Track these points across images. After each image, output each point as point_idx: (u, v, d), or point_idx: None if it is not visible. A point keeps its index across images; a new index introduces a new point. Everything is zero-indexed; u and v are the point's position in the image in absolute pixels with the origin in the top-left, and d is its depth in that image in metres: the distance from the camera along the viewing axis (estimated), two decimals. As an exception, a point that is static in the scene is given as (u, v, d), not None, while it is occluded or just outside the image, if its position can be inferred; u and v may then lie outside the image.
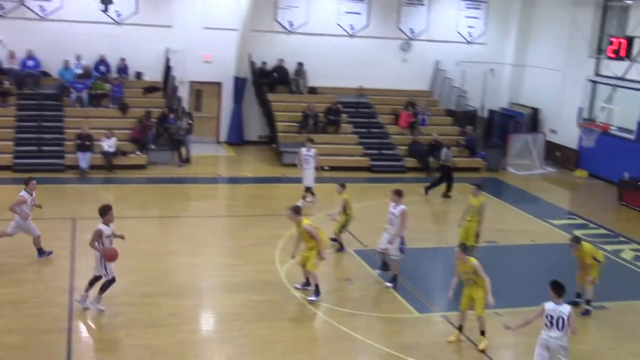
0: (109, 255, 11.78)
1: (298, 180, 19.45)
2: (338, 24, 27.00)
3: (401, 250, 14.07)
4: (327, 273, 14.23)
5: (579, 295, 13.72)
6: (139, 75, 25.40)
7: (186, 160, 23.04)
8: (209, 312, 12.76)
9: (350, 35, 27.16)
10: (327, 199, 19.49)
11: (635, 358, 11.97)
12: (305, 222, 12.93)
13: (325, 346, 11.69)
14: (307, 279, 13.31)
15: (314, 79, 26.75)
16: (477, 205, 15.00)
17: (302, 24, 26.57)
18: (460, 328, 11.90)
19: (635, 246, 17.81)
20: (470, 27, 28.51)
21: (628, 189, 21.93)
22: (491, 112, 28.68)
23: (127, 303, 12.43)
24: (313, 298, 12.94)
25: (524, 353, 11.52)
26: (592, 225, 19.50)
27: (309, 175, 19.11)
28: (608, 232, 19.00)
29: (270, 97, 25.80)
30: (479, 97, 28.30)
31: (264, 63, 26.11)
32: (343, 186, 16.03)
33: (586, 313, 13.34)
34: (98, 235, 11.77)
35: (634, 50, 19.39)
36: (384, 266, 14.49)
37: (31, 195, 14.01)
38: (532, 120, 27.85)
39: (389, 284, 13.99)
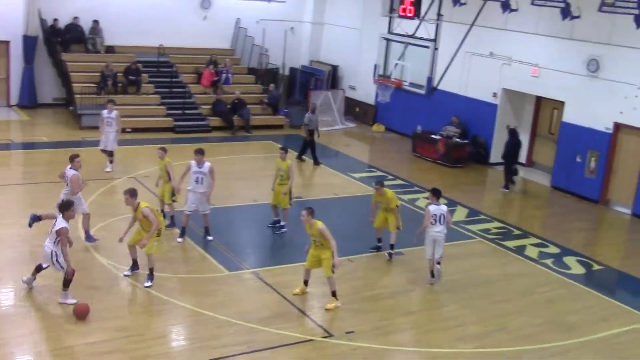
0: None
1: (98, 143, 18.71)
2: (134, -20, 26.04)
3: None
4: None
5: (379, 240, 14.68)
6: None
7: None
8: (10, 286, 11.99)
9: (148, -9, 26.32)
10: (129, 162, 19.07)
11: (427, 298, 13.00)
12: (144, 205, 12.05)
13: (136, 311, 11.54)
14: (135, 261, 12.58)
15: (111, 38, 25.66)
16: (285, 168, 15.34)
17: (96, -22, 25.33)
18: (305, 282, 12.31)
19: (427, 194, 19.13)
20: (269, -15, 28.69)
21: (420, 141, 23.46)
22: (292, 70, 29.23)
23: None
24: (149, 283, 12.18)
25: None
26: (390, 176, 20.66)
27: (111, 138, 18.44)
28: (404, 182, 20.25)
29: (65, 57, 24.41)
30: (280, 55, 28.68)
31: (55, 20, 24.62)
32: (164, 150, 15.30)
33: (390, 256, 14.31)
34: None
35: (422, 10, 20.53)
36: (172, 224, 14.80)
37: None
38: (331, 78, 28.78)
39: (179, 239, 14.29)
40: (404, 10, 22.00)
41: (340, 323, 11.52)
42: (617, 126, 19.12)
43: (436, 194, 13.40)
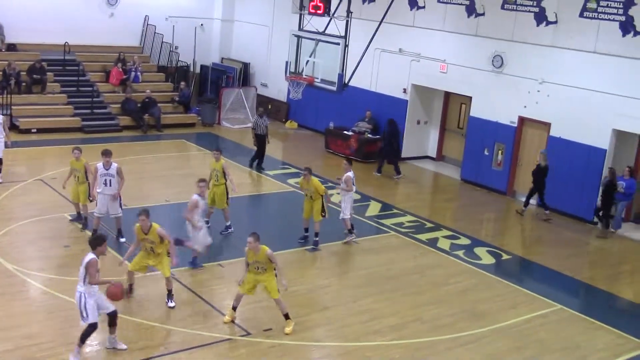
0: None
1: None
2: (36, -25, 25.14)
3: (121, 206, 14.17)
4: (43, 239, 13.47)
5: (306, 230, 15.01)
6: None
7: None
8: None
9: (51, -12, 25.46)
10: (36, 163, 18.44)
11: (343, 293, 13.09)
12: (157, 226, 11.31)
13: (44, 318, 11.08)
14: (131, 287, 11.79)
15: (13, 35, 24.70)
16: (220, 168, 15.15)
17: (-5, -27, 24.32)
18: (234, 308, 11.38)
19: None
20: (178, -19, 28.28)
21: (333, 137, 23.61)
22: (203, 67, 28.89)
23: None
24: (172, 304, 11.59)
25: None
26: (302, 172, 20.63)
27: None
28: (318, 178, 20.26)
29: (-37, 54, 23.37)
30: (190, 53, 28.28)
31: (-48, 17, 23.52)
32: (80, 150, 14.64)
33: (316, 246, 14.65)
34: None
35: (332, 7, 20.64)
36: (94, 230, 14.01)
37: None
38: (243, 75, 28.62)
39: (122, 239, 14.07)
40: (314, 7, 22.02)
41: (258, 321, 11.47)
42: (522, 120, 19.78)
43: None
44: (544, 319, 12.61)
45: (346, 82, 21.33)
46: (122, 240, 14.12)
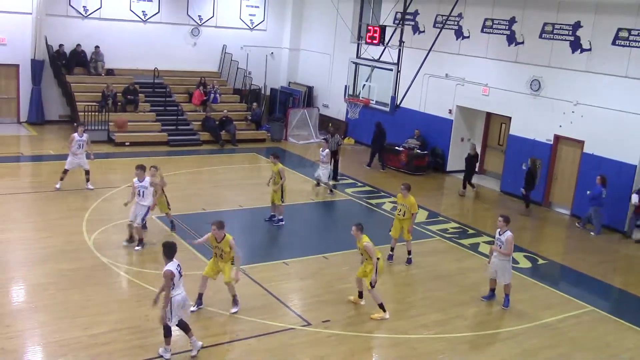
0: None
1: (100, 156, 18.49)
2: (131, 10, 25.80)
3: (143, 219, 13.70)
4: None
5: (392, 250, 14.35)
6: None
7: (-15, 140, 20.98)
8: (20, 284, 11.77)
9: (144, 21, 26.10)
10: (128, 173, 18.85)
11: (393, 290, 12.96)
12: (230, 237, 10.98)
13: (132, 305, 11.33)
14: (201, 295, 11.32)
15: (111, 62, 25.42)
16: (276, 171, 15.34)
17: (96, 9, 25.06)
18: (360, 294, 11.81)
19: (393, 199, 19.17)
20: (251, 15, 28.60)
21: (386, 152, 23.48)
22: (272, 90, 29.15)
23: None
24: (235, 309, 11.22)
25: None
26: (359, 183, 20.68)
27: (84, 158, 17.31)
28: (372, 188, 20.27)
29: (69, 78, 24.14)
30: (262, 77, 28.59)
31: (61, 46, 24.33)
32: (156, 168, 14.38)
33: (409, 263, 14.25)
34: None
35: (386, 37, 20.59)
36: (131, 238, 13.72)
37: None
38: (307, 97, 28.76)
39: (137, 248, 13.50)
40: (371, 37, 22.01)
41: (317, 313, 11.45)
42: (557, 138, 19.31)
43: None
44: (576, 319, 12.24)
45: (398, 103, 21.25)
46: (137, 249, 13.58)
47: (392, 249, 14.28)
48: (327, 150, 18.94)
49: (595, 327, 11.98)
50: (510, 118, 20.76)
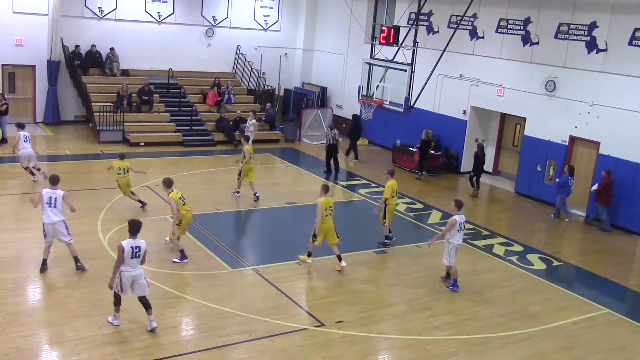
0: None
1: (115, 156, 18.50)
2: (146, 11, 25.96)
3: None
4: (145, 237, 13.76)
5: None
6: (-53, 58, 22.87)
7: (3, 140, 21.15)
8: (35, 283, 11.87)
9: (158, 22, 26.24)
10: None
11: (406, 291, 12.94)
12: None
13: (152, 303, 11.38)
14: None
15: (126, 62, 25.61)
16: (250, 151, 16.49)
17: (111, 10, 25.23)
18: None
19: (407, 200, 19.16)
20: (265, 16, 28.68)
21: (399, 152, 23.46)
22: (286, 90, 29.20)
23: (-51, 281, 11.31)
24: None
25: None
26: (372, 184, 20.65)
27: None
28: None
29: (85, 79, 24.34)
30: (275, 78, 28.65)
31: (77, 47, 24.53)
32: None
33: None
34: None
35: (400, 37, 20.56)
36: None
37: None
38: (321, 97, 28.78)
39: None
40: (384, 38, 21.99)
41: (330, 314, 11.46)
42: (572, 139, 19.18)
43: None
44: (591, 322, 12.15)
45: (412, 104, 21.23)
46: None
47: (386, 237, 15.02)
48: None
49: (610, 330, 11.88)
50: (525, 119, 20.65)
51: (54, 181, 12.25)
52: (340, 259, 13.32)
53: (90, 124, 23.85)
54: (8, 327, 10.10)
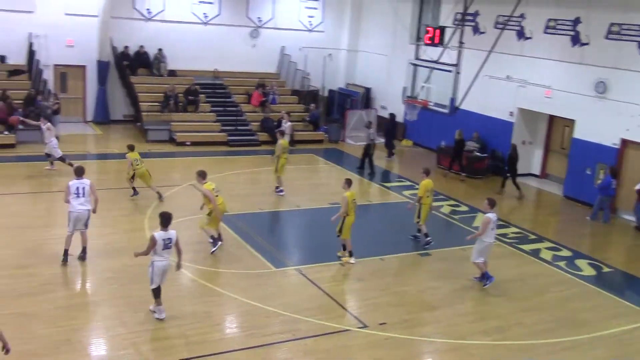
0: None
1: (162, 155, 18.87)
2: (193, 13, 26.30)
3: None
4: (190, 235, 13.96)
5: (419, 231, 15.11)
6: (2, 58, 23.55)
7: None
8: (85, 278, 12.15)
9: (204, 23, 26.55)
10: (190, 171, 19.20)
11: (450, 295, 12.77)
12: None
13: (192, 301, 11.52)
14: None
15: (173, 63, 25.99)
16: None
17: (159, 12, 25.65)
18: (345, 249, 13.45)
19: (452, 202, 18.93)
20: (310, 17, 28.75)
21: (444, 154, 23.19)
22: (330, 91, 29.20)
23: (2, 275, 11.61)
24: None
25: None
26: (416, 185, 20.40)
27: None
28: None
29: (133, 79, 24.80)
30: (319, 79, 28.69)
31: (126, 47, 25.01)
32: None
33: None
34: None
35: (445, 38, 20.38)
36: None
37: None
38: (365, 98, 28.68)
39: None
40: (430, 38, 21.83)
41: (374, 315, 11.38)
42: (624, 142, 18.67)
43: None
44: (643, 330, 11.79)
45: (457, 105, 21.01)
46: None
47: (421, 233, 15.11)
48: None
49: (663, 339, 11.50)
50: (573, 121, 20.19)
51: (79, 172, 12.54)
52: (351, 254, 13.53)
53: (138, 124, 24.27)
54: (60, 320, 10.34)
